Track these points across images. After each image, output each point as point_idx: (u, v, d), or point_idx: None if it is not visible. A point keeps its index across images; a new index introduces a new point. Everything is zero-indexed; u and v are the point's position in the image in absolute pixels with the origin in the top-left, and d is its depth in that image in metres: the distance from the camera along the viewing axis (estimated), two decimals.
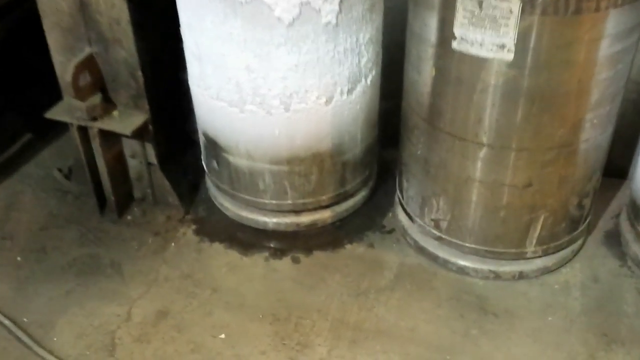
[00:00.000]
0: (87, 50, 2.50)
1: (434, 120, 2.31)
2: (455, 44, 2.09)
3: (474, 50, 2.06)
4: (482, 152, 2.25)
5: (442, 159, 2.35)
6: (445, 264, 2.59)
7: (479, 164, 2.28)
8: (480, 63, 2.07)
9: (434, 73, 2.22)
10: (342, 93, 2.44)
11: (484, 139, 2.21)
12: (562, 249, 2.55)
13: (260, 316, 2.41)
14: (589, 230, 2.69)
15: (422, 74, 2.29)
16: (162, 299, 2.48)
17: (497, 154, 2.23)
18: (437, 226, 2.53)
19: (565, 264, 2.61)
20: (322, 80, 2.36)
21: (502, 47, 2.01)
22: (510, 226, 2.40)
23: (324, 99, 2.40)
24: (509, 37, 1.99)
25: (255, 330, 2.36)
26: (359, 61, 2.44)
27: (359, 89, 2.49)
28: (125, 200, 2.85)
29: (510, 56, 2.02)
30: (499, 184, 2.30)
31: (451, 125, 2.26)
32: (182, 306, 2.45)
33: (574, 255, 2.63)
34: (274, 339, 2.33)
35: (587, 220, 2.59)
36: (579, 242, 2.63)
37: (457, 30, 2.06)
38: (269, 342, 2.32)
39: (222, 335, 2.34)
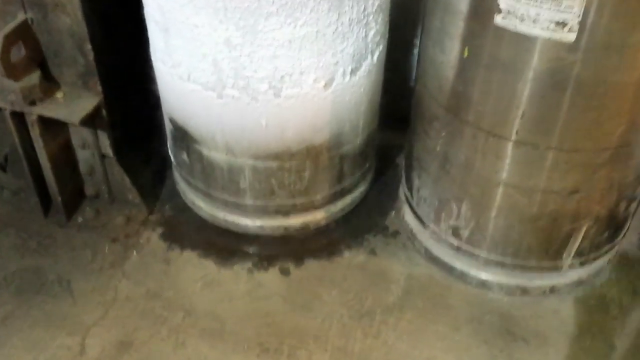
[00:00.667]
0: (21, 16, 2.03)
1: (459, 111, 1.91)
2: (499, 19, 1.65)
3: (523, 28, 1.63)
4: (520, 152, 1.85)
5: (468, 158, 1.96)
6: (462, 276, 2.23)
7: (515, 166, 1.89)
8: (529, 44, 1.65)
9: (466, 54, 1.78)
10: (344, 74, 2.00)
11: (524, 137, 1.82)
12: (599, 258, 2.18)
13: (245, 347, 2.04)
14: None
15: (447, 52, 1.87)
16: (123, 325, 2.09)
17: (539, 155, 1.84)
18: (456, 234, 2.16)
19: (600, 274, 2.25)
20: (322, 60, 1.92)
21: (562, 24, 1.58)
22: (547, 237, 2.04)
23: (322, 82, 1.97)
24: (573, 13, 1.55)
25: None
26: (366, 34, 1.99)
27: (364, 68, 2.06)
28: (74, 198, 2.44)
29: (571, 37, 1.59)
30: (539, 190, 1.92)
31: (482, 117, 1.86)
32: (148, 335, 2.07)
33: (609, 264, 2.27)
34: None
35: (629, 226, 2.22)
36: (616, 248, 2.26)
37: (503, 2, 1.61)
38: None
39: None
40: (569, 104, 1.72)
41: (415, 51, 2.51)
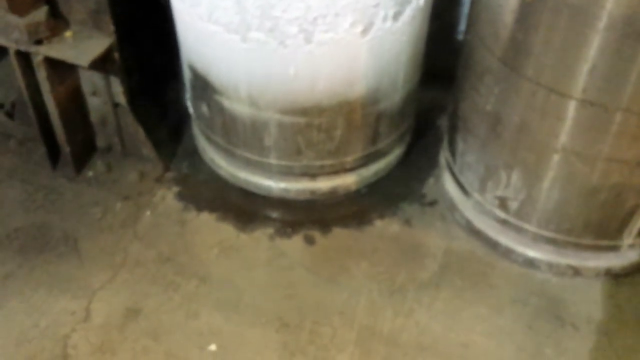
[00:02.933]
0: None
1: (517, 63, 1.71)
2: None
3: None
4: (585, 113, 1.65)
5: (523, 119, 1.77)
6: (508, 253, 2.06)
7: (578, 130, 1.69)
8: None
9: None
10: (385, 19, 1.81)
11: (591, 95, 1.61)
12: None
13: (264, 320, 1.93)
14: None
15: None
16: (132, 290, 1.99)
17: (607, 118, 1.64)
18: (503, 206, 1.97)
19: None
20: (360, 0, 1.71)
21: None
22: (608, 213, 1.85)
23: (360, 27, 1.78)
24: None
25: (257, 341, 1.88)
26: None
27: (407, 12, 1.86)
28: (85, 150, 2.32)
29: None
30: (603, 157, 1.73)
31: (543, 71, 1.66)
32: (158, 302, 1.97)
33: None
34: (281, 354, 1.85)
35: None
36: None
37: None
38: (275, 358, 1.82)
39: (213, 347, 1.87)
40: None
41: None
